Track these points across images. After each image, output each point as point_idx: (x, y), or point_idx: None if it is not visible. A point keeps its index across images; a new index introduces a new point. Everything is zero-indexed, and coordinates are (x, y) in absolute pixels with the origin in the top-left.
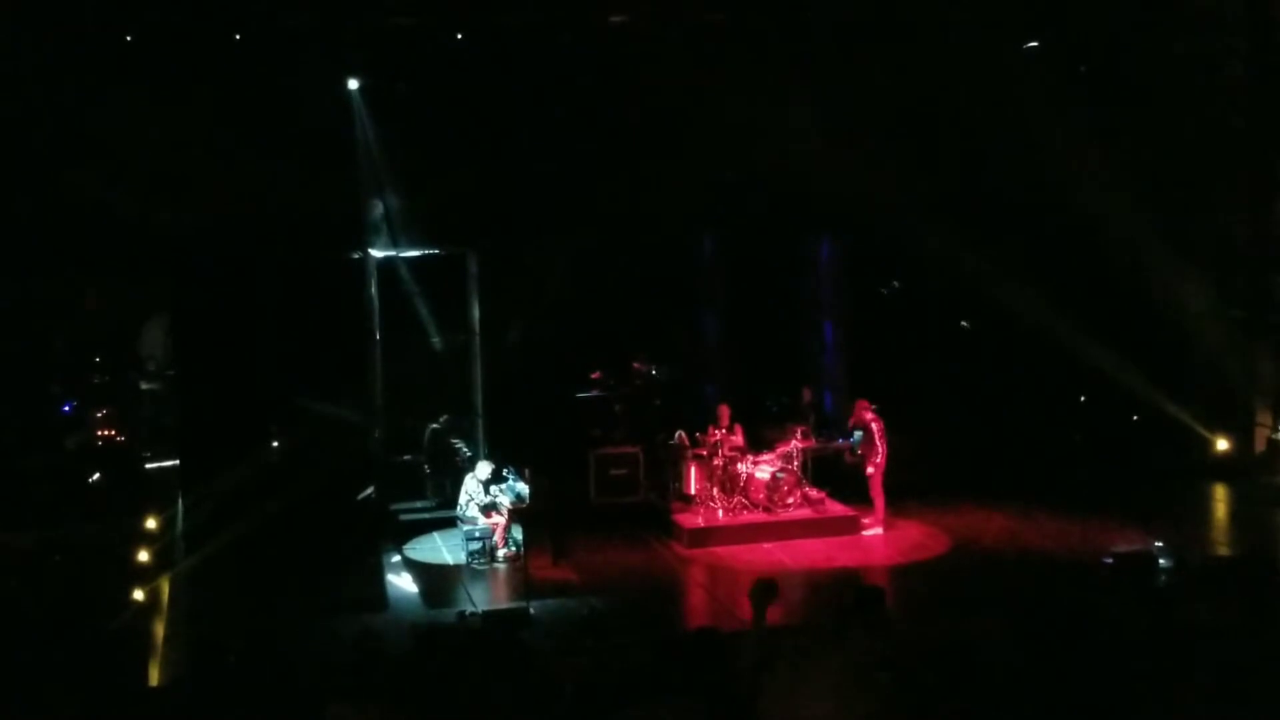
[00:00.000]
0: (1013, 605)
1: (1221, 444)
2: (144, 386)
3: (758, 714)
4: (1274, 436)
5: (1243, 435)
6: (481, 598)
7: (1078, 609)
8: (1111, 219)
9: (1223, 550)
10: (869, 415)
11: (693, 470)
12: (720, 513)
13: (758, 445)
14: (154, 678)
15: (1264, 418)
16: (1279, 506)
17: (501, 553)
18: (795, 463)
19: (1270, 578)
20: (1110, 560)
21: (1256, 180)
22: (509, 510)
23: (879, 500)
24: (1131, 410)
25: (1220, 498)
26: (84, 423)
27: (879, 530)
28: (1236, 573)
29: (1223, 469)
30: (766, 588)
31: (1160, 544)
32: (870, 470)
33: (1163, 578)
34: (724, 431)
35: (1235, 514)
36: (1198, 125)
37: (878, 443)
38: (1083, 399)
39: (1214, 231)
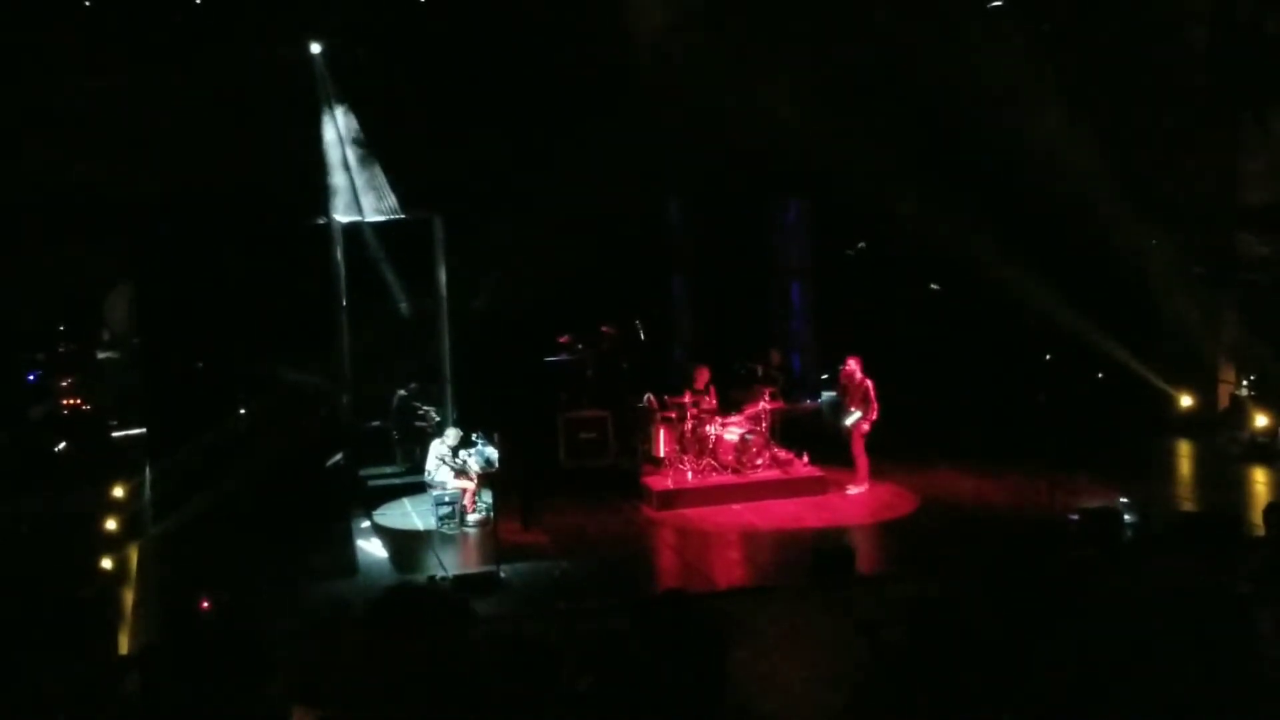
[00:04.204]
0: (981, 563)
1: (1185, 400)
2: (100, 356)
3: (730, 676)
4: (1237, 393)
5: (1206, 392)
6: (452, 562)
7: (1044, 565)
8: (1076, 178)
9: (1187, 506)
10: (860, 374)
11: (662, 433)
12: (689, 475)
13: (726, 407)
14: (123, 646)
15: (1227, 374)
16: (1242, 462)
17: (471, 517)
18: (764, 424)
19: (1233, 532)
20: (1076, 517)
21: (1219, 138)
22: (478, 474)
23: (861, 459)
24: (1096, 368)
25: (1184, 454)
26: (49, 392)
27: (863, 489)
28: (1201, 528)
29: (1187, 425)
30: None
31: (1125, 500)
32: (865, 428)
33: (1128, 533)
34: (701, 394)
35: (1199, 470)
36: (1162, 84)
37: (873, 401)
38: (1048, 357)
39: (1178, 189)
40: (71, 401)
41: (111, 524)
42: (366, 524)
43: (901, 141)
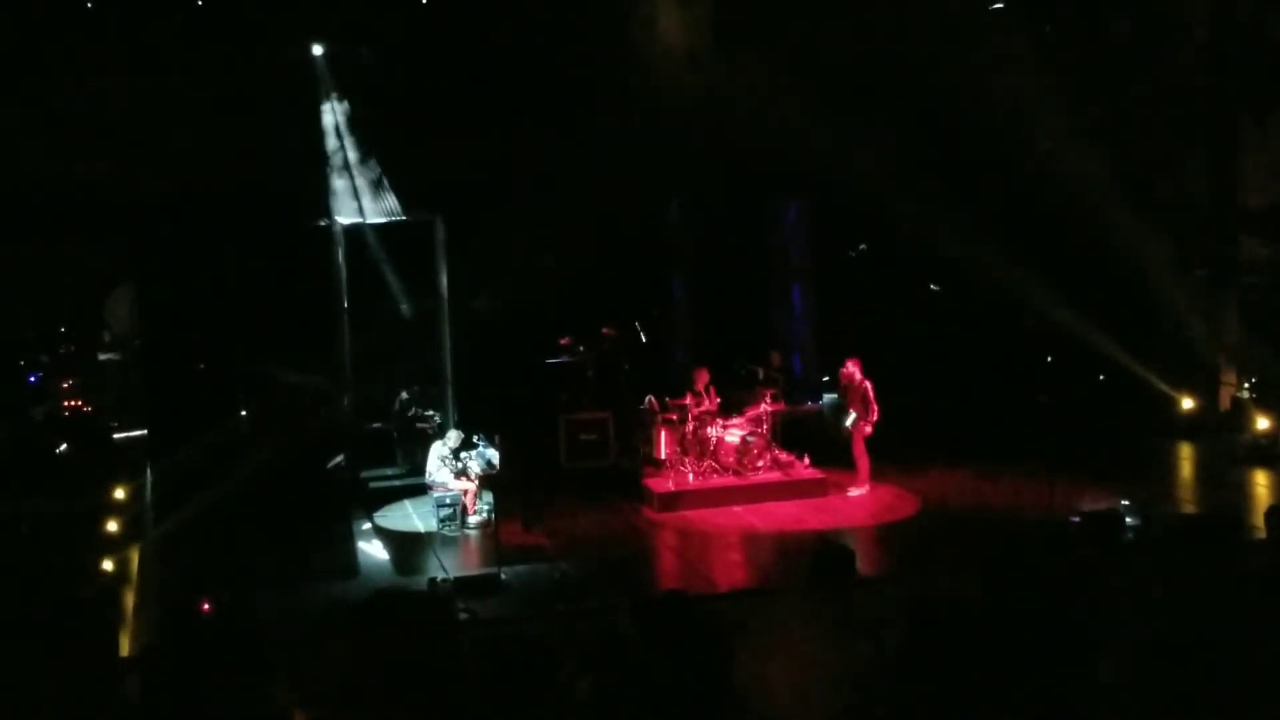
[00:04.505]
0: (982, 565)
1: (1187, 403)
2: (101, 357)
3: (731, 677)
4: (1238, 395)
5: (1208, 394)
6: (452, 564)
7: (1046, 567)
8: (1077, 179)
9: (1188, 508)
10: (859, 375)
11: (663, 434)
12: (690, 476)
13: (727, 409)
14: (124, 647)
15: (1228, 376)
16: (1243, 464)
17: (472, 519)
18: (765, 426)
19: (1234, 535)
20: (1077, 519)
21: (1220, 140)
22: (479, 476)
23: (863, 461)
24: (1098, 370)
25: (1186, 456)
26: (50, 393)
27: (864, 490)
28: (1202, 530)
29: (1188, 427)
30: None
31: (1127, 502)
32: (868, 430)
33: (1129, 535)
34: (703, 393)
35: (1200, 472)
36: (1162, 85)
37: (872, 402)
38: (1049, 359)
39: (1178, 191)
40: (73, 403)
41: (112, 525)
42: (367, 526)
43: (903, 143)
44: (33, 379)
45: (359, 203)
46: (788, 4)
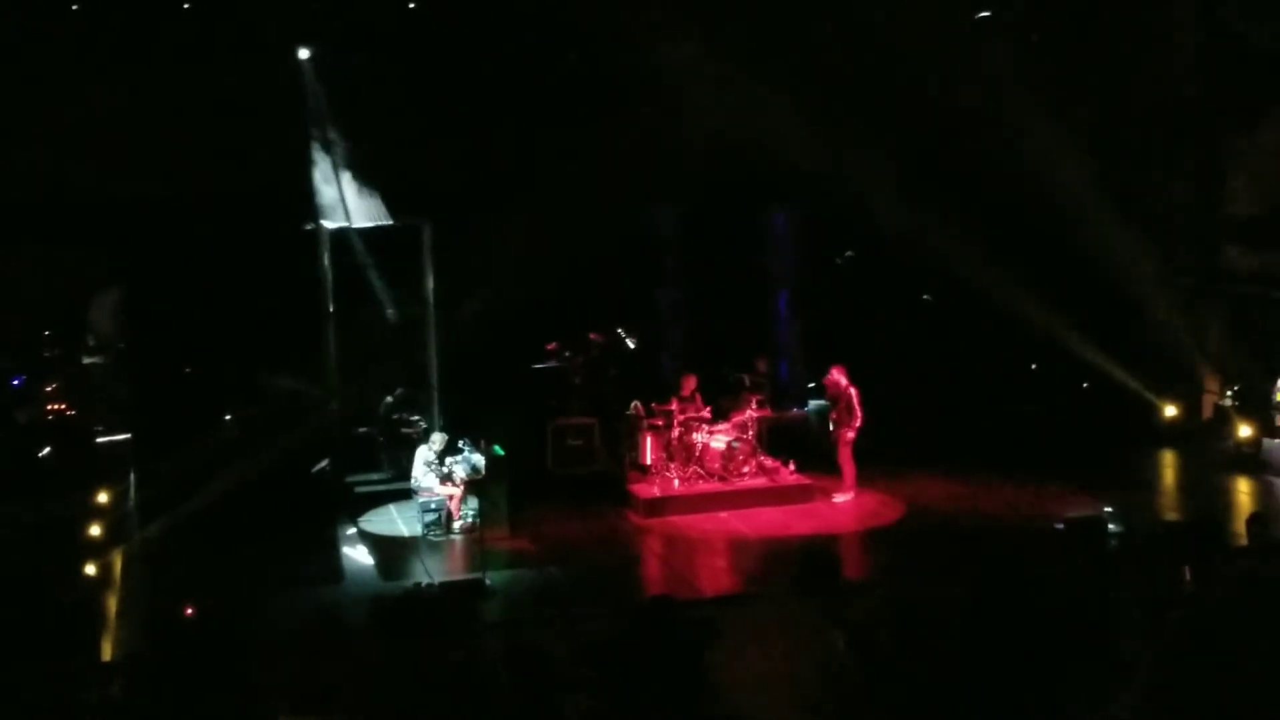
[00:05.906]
0: (965, 570)
1: (1170, 411)
2: (86, 361)
3: (710, 681)
4: (1221, 403)
5: (1191, 402)
6: (437, 569)
7: (1029, 574)
8: (1062, 188)
9: (1171, 515)
10: (844, 382)
11: (649, 440)
12: (676, 482)
13: (713, 415)
14: (107, 652)
15: (1211, 384)
16: (1226, 472)
17: (457, 524)
18: (750, 432)
19: (1217, 542)
20: (1061, 526)
21: (1205, 149)
22: (464, 481)
23: (848, 467)
24: (1081, 378)
25: (1169, 463)
26: (34, 397)
27: (849, 497)
28: (1184, 538)
29: (1171, 435)
30: None
31: (1110, 509)
32: (851, 436)
33: (1112, 543)
34: (690, 399)
35: (1184, 479)
36: (1148, 95)
37: (856, 409)
38: (1034, 367)
39: (1163, 200)
40: (56, 406)
41: (95, 530)
42: (352, 530)
43: (890, 151)
44: (16, 382)
45: (345, 207)
46: (777, 13)
